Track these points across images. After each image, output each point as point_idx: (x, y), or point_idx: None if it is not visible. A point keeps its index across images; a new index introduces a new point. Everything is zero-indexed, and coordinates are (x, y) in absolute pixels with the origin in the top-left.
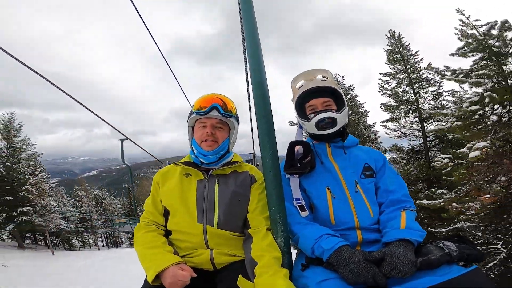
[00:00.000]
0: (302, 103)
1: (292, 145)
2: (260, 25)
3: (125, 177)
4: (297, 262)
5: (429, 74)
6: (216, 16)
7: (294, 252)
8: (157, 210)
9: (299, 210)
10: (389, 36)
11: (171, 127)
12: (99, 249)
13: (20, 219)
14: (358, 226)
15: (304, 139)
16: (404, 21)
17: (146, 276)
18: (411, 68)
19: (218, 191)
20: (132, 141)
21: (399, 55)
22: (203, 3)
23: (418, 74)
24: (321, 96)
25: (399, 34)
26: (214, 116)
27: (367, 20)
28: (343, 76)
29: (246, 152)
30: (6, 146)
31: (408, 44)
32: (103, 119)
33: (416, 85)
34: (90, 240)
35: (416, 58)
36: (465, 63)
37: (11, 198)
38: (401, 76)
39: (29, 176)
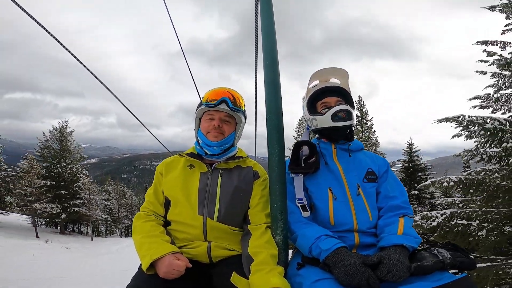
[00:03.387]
0: (314, 101)
1: (298, 144)
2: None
3: (124, 167)
4: (293, 261)
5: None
6: (229, 20)
7: (289, 250)
8: (158, 201)
9: (301, 210)
10: (356, 101)
11: (175, 122)
12: (120, 237)
13: (72, 210)
14: (356, 228)
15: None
16: (412, 37)
17: (141, 264)
18: (366, 131)
19: (220, 184)
20: (155, 137)
21: (360, 119)
22: (218, 7)
23: (368, 139)
24: (335, 96)
25: (363, 101)
26: (222, 109)
27: (375, 34)
28: None
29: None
30: (60, 148)
31: (366, 111)
32: (136, 116)
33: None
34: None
35: (371, 122)
36: None
37: (66, 192)
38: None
39: (80, 175)
